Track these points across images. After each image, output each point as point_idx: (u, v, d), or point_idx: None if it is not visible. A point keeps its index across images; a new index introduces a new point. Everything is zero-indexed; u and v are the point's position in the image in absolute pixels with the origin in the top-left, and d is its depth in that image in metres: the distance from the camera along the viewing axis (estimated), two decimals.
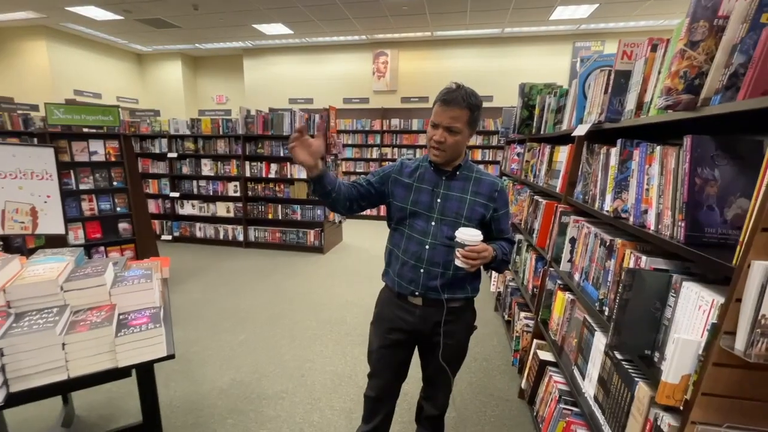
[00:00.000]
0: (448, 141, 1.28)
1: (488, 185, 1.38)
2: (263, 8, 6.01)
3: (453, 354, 1.46)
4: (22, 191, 1.53)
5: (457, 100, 1.25)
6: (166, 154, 5.70)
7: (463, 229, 1.23)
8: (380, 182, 1.45)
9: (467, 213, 1.35)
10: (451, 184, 1.38)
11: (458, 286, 1.39)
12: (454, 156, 1.35)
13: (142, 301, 1.45)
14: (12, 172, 1.51)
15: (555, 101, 2.39)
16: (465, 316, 1.47)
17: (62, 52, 7.63)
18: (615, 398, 1.19)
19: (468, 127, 1.30)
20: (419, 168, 1.43)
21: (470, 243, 1.20)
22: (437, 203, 1.36)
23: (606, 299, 1.33)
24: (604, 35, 6.95)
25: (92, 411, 2.11)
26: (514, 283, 3.09)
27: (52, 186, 1.59)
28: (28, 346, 1.11)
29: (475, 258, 1.21)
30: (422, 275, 1.36)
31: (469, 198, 1.37)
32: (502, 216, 1.41)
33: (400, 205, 1.41)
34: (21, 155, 1.52)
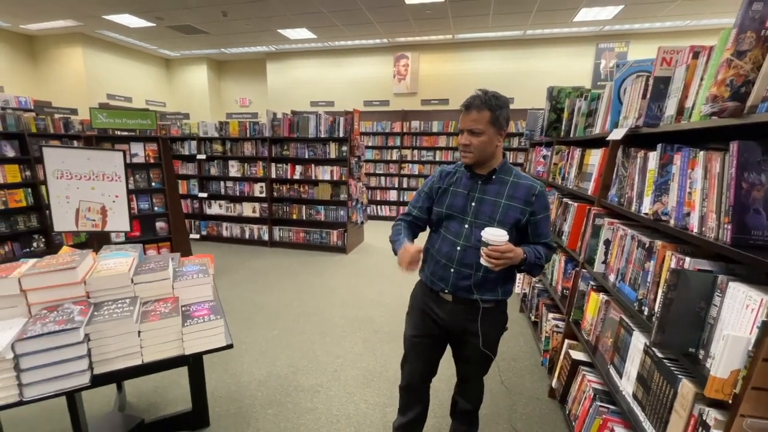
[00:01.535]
0: (473, 143, 1.34)
1: (525, 189, 1.39)
2: (289, 14, 6.16)
3: (484, 355, 1.49)
4: (94, 191, 1.66)
5: (475, 103, 1.32)
6: (195, 155, 5.91)
7: (488, 229, 1.26)
8: (429, 200, 1.54)
9: (500, 216, 1.38)
10: (486, 188, 1.41)
11: (489, 288, 1.42)
12: (484, 157, 1.39)
13: (199, 294, 1.56)
14: (86, 174, 1.65)
15: (586, 105, 2.42)
16: (494, 318, 1.48)
17: (97, 58, 7.97)
18: (656, 395, 1.23)
19: (492, 127, 1.33)
20: (457, 173, 1.49)
21: (494, 242, 1.23)
22: (471, 207, 1.41)
23: (645, 299, 1.37)
24: (628, 36, 6.87)
25: (141, 398, 2.24)
26: (540, 284, 3.11)
27: (120, 187, 1.73)
28: (110, 332, 1.23)
29: (498, 258, 1.24)
30: (452, 275, 1.41)
31: (504, 202, 1.39)
32: (541, 220, 1.41)
33: (437, 209, 1.49)
34: (94, 158, 1.66)
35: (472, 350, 1.47)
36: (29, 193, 4.98)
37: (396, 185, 8.00)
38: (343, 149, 5.28)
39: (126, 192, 1.77)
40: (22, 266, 1.32)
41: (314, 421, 2.07)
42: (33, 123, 5.02)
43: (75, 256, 1.42)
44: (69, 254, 1.45)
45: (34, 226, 5.03)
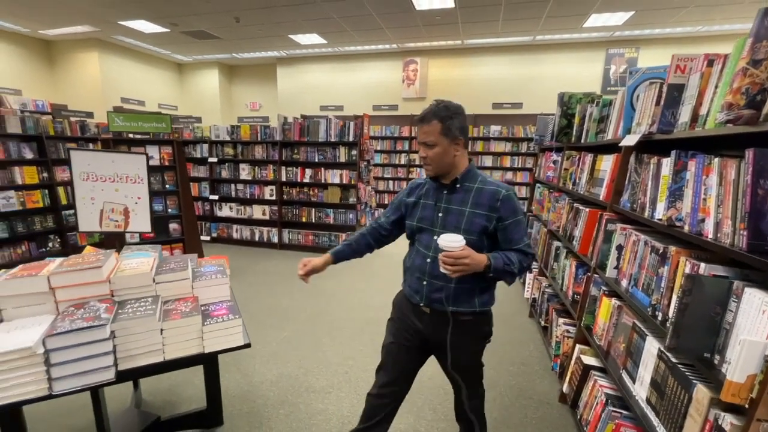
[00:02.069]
0: (429, 155, 1.34)
1: (489, 195, 1.36)
2: (301, 20, 6.25)
3: (464, 365, 1.47)
4: (118, 193, 1.72)
5: (427, 116, 1.32)
6: (207, 158, 6.00)
7: (444, 235, 1.24)
8: (397, 212, 1.55)
9: (466, 225, 1.35)
10: (452, 198, 1.39)
11: (464, 299, 1.38)
12: (444, 168, 1.38)
13: (218, 294, 1.60)
14: (110, 176, 1.70)
15: (598, 111, 2.43)
16: (474, 330, 1.44)
17: (112, 63, 8.14)
18: (670, 400, 1.23)
19: (444, 137, 1.32)
20: (426, 184, 1.49)
21: (448, 248, 1.20)
22: (439, 217, 1.39)
23: (659, 305, 1.38)
24: (639, 42, 6.85)
25: (156, 396, 2.28)
26: (550, 289, 3.11)
27: (143, 189, 1.78)
28: (135, 330, 1.26)
29: (453, 264, 1.20)
30: (425, 287, 1.40)
31: (468, 210, 1.36)
32: (509, 226, 1.36)
33: (408, 222, 1.49)
34: (118, 161, 1.72)
35: (452, 362, 1.44)
36: (46, 194, 5.09)
37: None
38: (352, 153, 5.33)
39: (148, 194, 1.82)
40: (50, 265, 1.37)
41: (325, 421, 2.10)
42: (51, 126, 5.14)
43: (100, 255, 1.46)
44: (93, 254, 1.50)
45: (50, 227, 5.14)
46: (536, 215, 4.04)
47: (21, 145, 4.82)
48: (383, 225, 1.58)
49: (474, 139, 7.50)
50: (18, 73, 7.64)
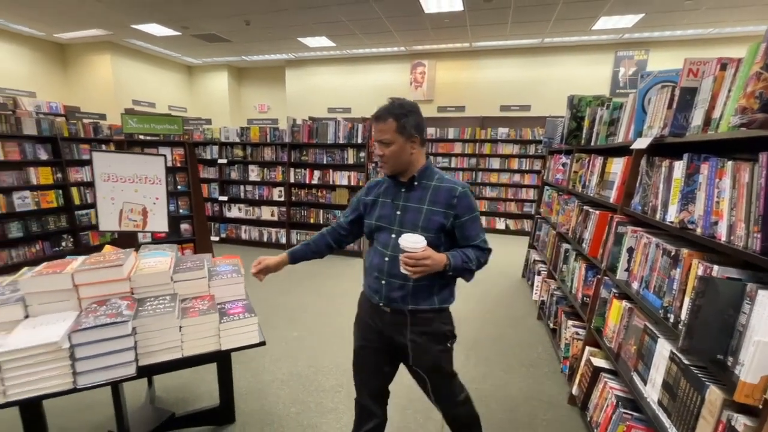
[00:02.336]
0: (385, 153, 1.33)
1: (446, 193, 1.36)
2: (310, 23, 6.32)
3: (429, 366, 1.44)
4: (137, 194, 1.77)
5: (381, 114, 1.31)
6: (217, 160, 6.07)
7: (405, 235, 1.23)
8: (356, 212, 1.54)
9: (424, 223, 1.34)
10: (410, 195, 1.39)
11: (423, 296, 1.37)
12: (400, 166, 1.37)
13: (233, 293, 1.64)
14: (130, 177, 1.75)
15: (608, 114, 2.44)
16: (434, 327, 1.41)
17: (123, 66, 8.27)
18: (683, 402, 1.24)
19: (400, 135, 1.31)
20: (384, 182, 1.48)
21: (409, 249, 1.20)
22: (397, 216, 1.38)
23: (671, 307, 1.38)
24: (648, 44, 6.82)
25: (170, 393, 2.32)
26: (559, 291, 3.11)
27: (161, 189, 1.83)
28: (154, 326, 1.30)
29: (414, 265, 1.20)
30: (384, 286, 1.38)
31: (426, 208, 1.36)
32: (466, 223, 1.36)
33: (367, 221, 1.47)
34: (138, 162, 1.77)
35: (417, 361, 1.42)
36: (60, 194, 5.19)
37: None
38: (361, 155, 5.36)
39: (166, 194, 1.87)
40: (73, 263, 1.41)
41: (336, 420, 2.12)
42: (65, 127, 5.24)
43: (120, 254, 1.50)
44: (114, 252, 1.54)
45: (63, 226, 5.23)
46: (545, 218, 4.04)
47: (36, 146, 4.92)
48: (342, 225, 1.58)
49: (482, 141, 7.50)
50: (32, 75, 7.79)
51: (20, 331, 1.18)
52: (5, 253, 4.64)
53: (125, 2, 5.67)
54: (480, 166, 7.58)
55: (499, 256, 5.70)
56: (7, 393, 1.10)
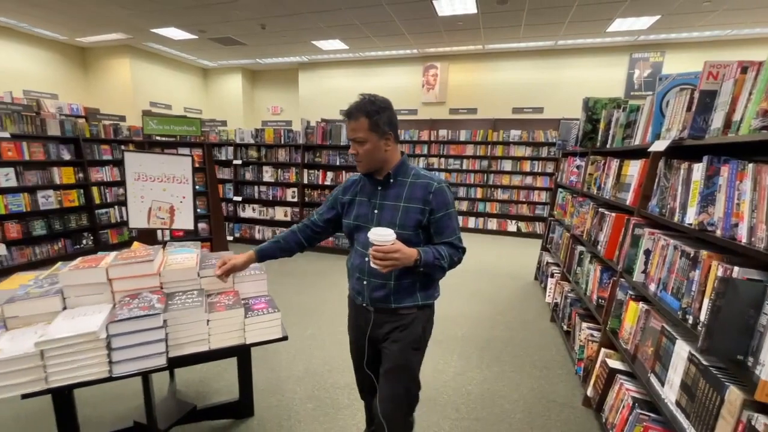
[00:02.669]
0: (359, 152, 1.31)
1: (422, 188, 1.34)
2: (324, 26, 6.40)
3: (395, 362, 1.40)
4: (165, 192, 1.84)
5: (353, 112, 1.29)
6: (232, 161, 6.17)
7: (374, 229, 1.21)
8: (331, 208, 1.51)
9: (401, 221, 1.33)
10: (387, 193, 1.37)
11: (406, 294, 1.37)
12: (375, 164, 1.36)
13: (256, 289, 1.69)
14: (159, 176, 1.82)
15: (624, 116, 2.44)
16: (413, 323, 1.41)
17: (142, 69, 8.47)
18: (702, 402, 1.25)
19: (373, 133, 1.29)
20: (361, 181, 1.46)
21: (378, 242, 1.18)
22: (374, 214, 1.37)
23: (690, 308, 1.39)
24: (664, 46, 6.74)
25: (189, 387, 2.38)
26: (573, 294, 3.11)
27: (187, 189, 1.89)
28: (184, 320, 1.35)
29: (383, 258, 1.18)
30: (366, 287, 1.38)
31: (402, 205, 1.34)
32: (440, 219, 1.35)
33: (345, 221, 1.46)
34: (167, 163, 1.84)
35: (386, 359, 1.41)
36: (81, 194, 5.34)
37: None
38: None
39: (192, 193, 1.93)
40: (107, 258, 1.48)
41: (351, 416, 2.16)
42: (87, 129, 5.39)
43: (150, 250, 1.56)
44: (143, 248, 1.60)
45: (84, 225, 5.38)
46: (558, 220, 4.03)
47: (60, 146, 5.08)
48: (316, 222, 1.54)
49: (493, 144, 7.49)
50: (54, 78, 8.03)
51: (59, 322, 1.24)
52: (29, 250, 4.79)
53: (147, 7, 5.82)
54: (492, 168, 7.57)
55: (511, 259, 5.71)
56: (48, 380, 1.16)
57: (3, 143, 4.44)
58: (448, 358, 2.78)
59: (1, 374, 1.11)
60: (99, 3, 5.71)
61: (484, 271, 4.99)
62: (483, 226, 7.65)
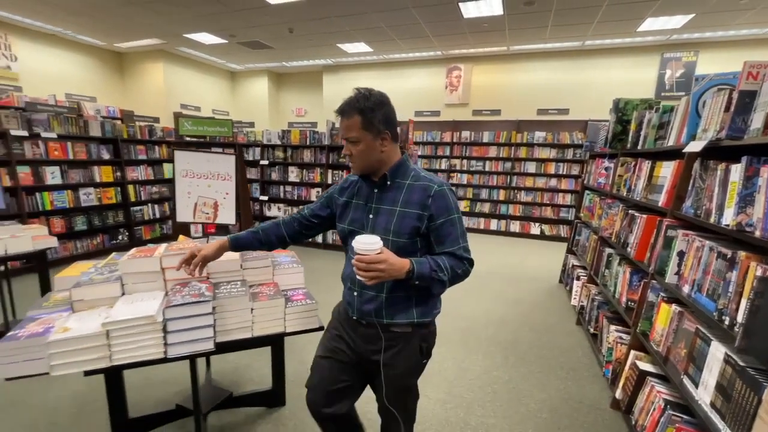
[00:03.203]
0: (353, 152, 1.21)
1: (420, 191, 1.20)
2: (350, 29, 6.51)
3: (396, 388, 1.30)
4: (210, 189, 1.95)
5: (345, 109, 1.18)
6: (259, 161, 6.36)
7: (359, 237, 1.09)
8: (326, 206, 1.39)
9: (396, 227, 1.19)
10: (383, 197, 1.25)
11: (399, 309, 1.23)
12: (371, 166, 1.24)
13: (294, 281, 1.77)
14: (204, 173, 1.94)
15: (657, 117, 2.42)
16: (410, 345, 1.27)
17: (174, 72, 8.81)
18: (738, 403, 1.24)
19: (367, 132, 1.18)
20: (358, 182, 1.33)
21: (362, 251, 1.06)
22: (369, 219, 1.25)
23: (726, 309, 1.38)
24: (698, 45, 6.54)
25: (224, 376, 2.49)
26: (600, 296, 3.08)
27: (231, 185, 2.01)
28: (230, 307, 1.44)
29: (365, 269, 1.06)
30: (356, 298, 1.26)
31: (399, 209, 1.21)
32: (441, 226, 1.19)
33: (340, 225, 1.33)
34: (212, 160, 1.96)
35: (381, 384, 1.29)
36: (119, 191, 5.62)
37: None
38: None
39: (235, 190, 2.04)
40: (159, 248, 1.58)
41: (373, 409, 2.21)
42: (125, 130, 5.67)
43: (195, 242, 1.67)
44: (188, 241, 1.71)
45: (120, 221, 5.65)
46: (585, 222, 3.99)
47: (100, 146, 5.36)
48: (306, 217, 1.41)
49: (517, 146, 7.43)
50: (94, 81, 8.45)
51: (120, 306, 1.35)
52: (71, 243, 5.08)
53: (181, 14, 6.07)
54: (515, 170, 7.51)
55: (535, 261, 5.66)
56: (112, 357, 1.27)
57: (50, 143, 4.73)
58: (473, 358, 2.81)
59: (71, 351, 1.22)
60: (137, 11, 5.99)
61: (507, 273, 4.96)
62: (506, 229, 7.59)
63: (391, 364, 1.25)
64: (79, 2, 5.76)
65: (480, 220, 7.81)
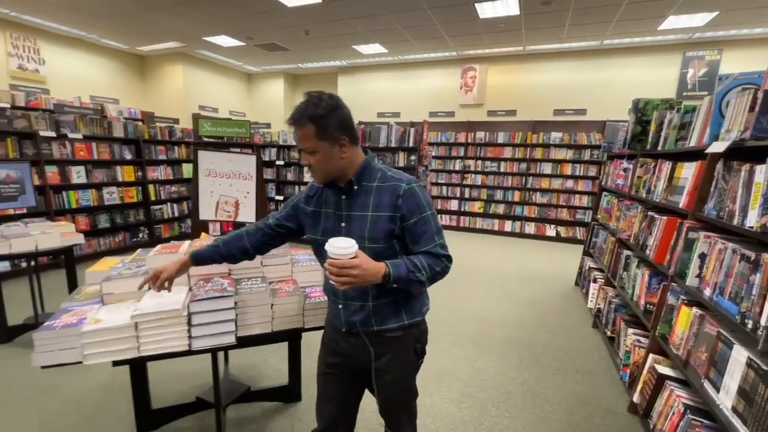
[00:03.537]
0: (312, 162, 1.14)
1: (389, 192, 1.15)
2: (366, 30, 6.56)
3: (395, 391, 1.28)
4: (232, 188, 2.01)
5: (296, 119, 1.10)
6: (275, 161, 6.45)
7: (332, 240, 1.02)
8: (292, 216, 1.32)
9: (370, 233, 1.14)
10: (352, 203, 1.19)
11: (388, 314, 1.20)
12: (333, 173, 1.17)
13: (312, 278, 1.80)
14: (227, 173, 2.00)
15: (678, 117, 2.38)
16: (404, 347, 1.25)
17: (193, 74, 9.01)
18: (761, 407, 1.22)
19: (323, 141, 1.10)
20: (323, 190, 1.26)
21: (334, 255, 1.00)
22: (342, 228, 1.19)
23: (750, 312, 1.36)
24: (722, 43, 6.36)
25: (241, 371, 2.55)
26: (618, 299, 3.03)
27: (251, 185, 2.06)
28: (251, 303, 1.49)
29: (337, 274, 1.00)
30: (342, 311, 1.22)
31: (370, 214, 1.16)
32: (415, 225, 1.15)
33: (312, 236, 1.27)
34: (235, 160, 2.01)
35: (380, 390, 1.27)
36: (140, 191, 5.79)
37: (458, 195, 8.06)
38: (411, 158, 5.47)
39: (255, 189, 2.09)
40: (183, 245, 1.64)
41: None
42: (146, 131, 5.83)
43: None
44: (211, 238, 1.76)
45: (141, 220, 5.81)
46: (602, 224, 3.93)
47: (122, 147, 5.53)
48: (271, 226, 1.34)
49: (533, 146, 7.35)
50: (116, 84, 8.70)
51: (147, 299, 1.41)
52: (95, 241, 5.25)
53: (201, 17, 6.21)
54: (531, 171, 7.44)
55: (550, 263, 5.60)
56: (140, 348, 1.32)
57: (76, 144, 4.90)
58: (487, 359, 2.80)
59: (102, 341, 1.28)
60: (160, 15, 6.16)
61: (522, 274, 4.92)
62: (520, 230, 7.52)
63: (387, 369, 1.23)
64: (105, 7, 5.95)
65: (494, 221, 7.76)
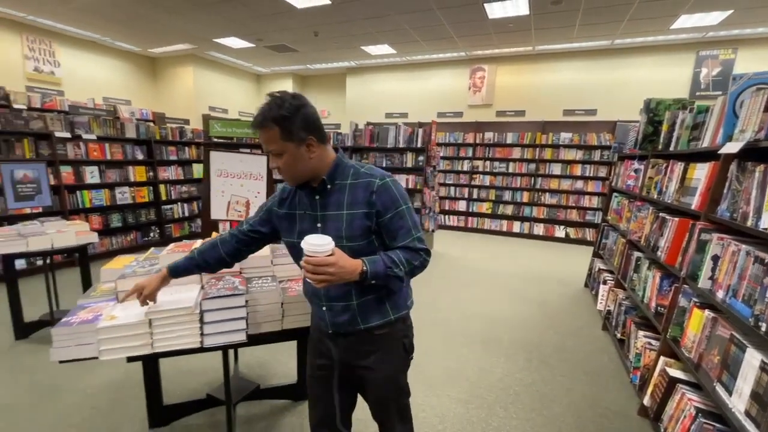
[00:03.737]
0: (280, 165, 1.11)
1: (362, 189, 1.13)
2: (374, 31, 6.58)
3: (386, 390, 1.26)
4: (243, 188, 2.04)
5: (260, 121, 1.07)
6: None
7: (308, 237, 1.00)
8: (266, 220, 1.30)
9: (347, 231, 1.13)
10: (326, 202, 1.17)
11: (373, 311, 1.19)
12: (303, 175, 1.15)
13: None
14: (238, 173, 2.03)
15: (691, 117, 2.35)
16: (392, 344, 1.24)
17: (203, 76, 9.12)
18: None
19: (289, 142, 1.07)
20: (296, 192, 1.24)
21: (310, 253, 0.98)
22: (318, 229, 1.16)
23: (763, 315, 1.34)
24: (736, 42, 6.25)
25: (251, 369, 2.58)
26: (628, 301, 3.01)
27: (262, 185, 2.09)
28: (262, 301, 1.50)
29: (313, 272, 0.98)
30: (326, 313, 1.20)
31: (345, 213, 1.14)
32: (391, 220, 1.13)
33: (288, 240, 1.24)
34: (246, 161, 2.05)
35: (371, 389, 1.27)
36: (151, 190, 5.87)
37: (466, 196, 8.03)
38: (419, 159, 5.48)
39: (266, 189, 2.12)
40: (196, 243, 1.67)
41: None
42: (158, 131, 5.92)
43: None
44: None
45: (152, 219, 5.90)
46: (612, 225, 3.90)
47: (134, 147, 5.62)
48: (244, 232, 1.32)
49: (542, 146, 7.30)
50: (128, 85, 8.84)
51: (160, 297, 1.43)
52: (107, 240, 5.34)
53: (212, 19, 6.29)
54: (540, 171, 7.39)
55: (559, 265, 5.55)
56: (154, 345, 1.35)
57: (90, 144, 5.00)
58: (494, 360, 2.79)
59: (117, 337, 1.30)
60: (171, 17, 6.25)
61: (531, 276, 4.90)
62: (529, 231, 7.48)
63: (377, 367, 1.22)
64: (119, 11, 6.06)
65: (503, 222, 7.72)
